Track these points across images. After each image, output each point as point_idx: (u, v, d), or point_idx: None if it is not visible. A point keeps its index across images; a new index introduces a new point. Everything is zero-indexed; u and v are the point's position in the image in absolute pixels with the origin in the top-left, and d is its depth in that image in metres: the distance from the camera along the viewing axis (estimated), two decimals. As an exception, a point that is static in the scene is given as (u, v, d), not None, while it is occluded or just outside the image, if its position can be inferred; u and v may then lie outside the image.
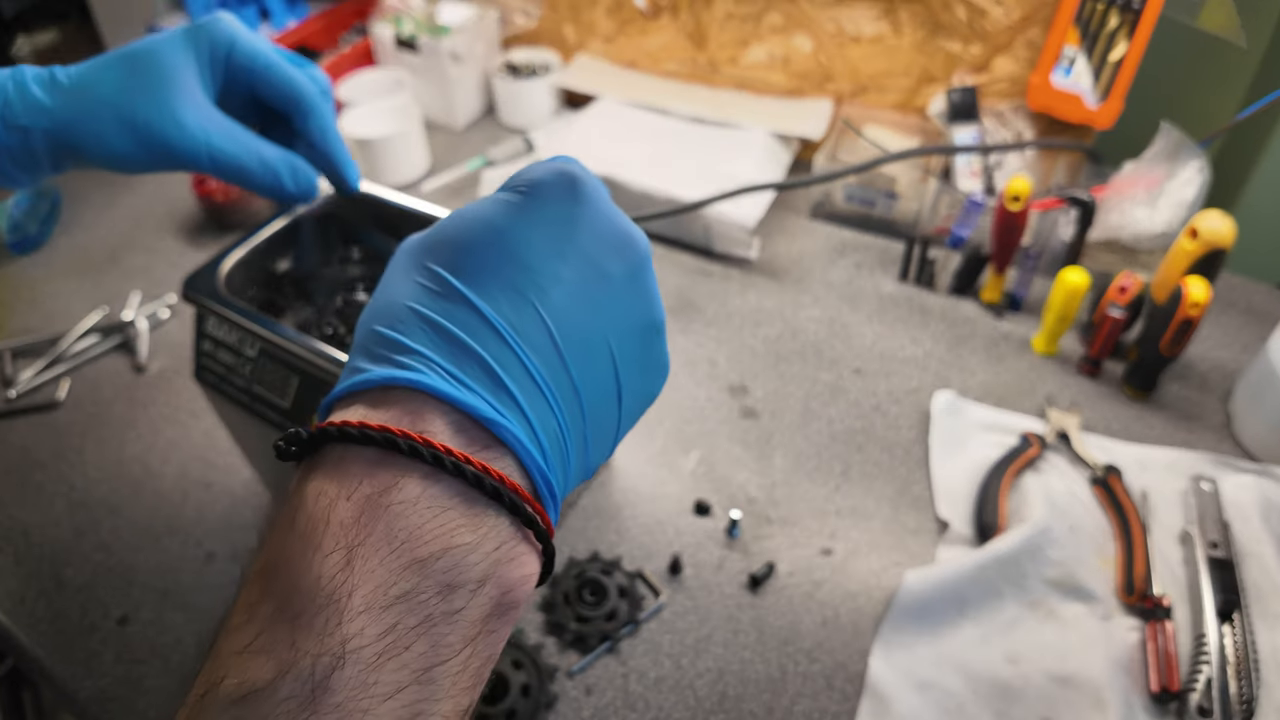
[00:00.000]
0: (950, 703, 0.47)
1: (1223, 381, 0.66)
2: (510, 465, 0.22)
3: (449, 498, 0.21)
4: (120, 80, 0.37)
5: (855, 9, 0.83)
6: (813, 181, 0.75)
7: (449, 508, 0.20)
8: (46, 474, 0.61)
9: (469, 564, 0.20)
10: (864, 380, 0.67)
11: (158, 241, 0.84)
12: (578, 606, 0.51)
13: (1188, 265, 0.60)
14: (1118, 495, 0.55)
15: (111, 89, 0.37)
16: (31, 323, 0.74)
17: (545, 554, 0.23)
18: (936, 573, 0.51)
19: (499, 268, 0.23)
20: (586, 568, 0.53)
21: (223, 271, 0.46)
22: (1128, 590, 0.51)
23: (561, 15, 0.99)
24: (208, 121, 0.38)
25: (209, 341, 0.47)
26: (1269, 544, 0.53)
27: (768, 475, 0.59)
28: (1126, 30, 0.71)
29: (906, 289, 0.76)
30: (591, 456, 0.25)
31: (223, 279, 0.46)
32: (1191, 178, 0.66)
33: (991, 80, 0.82)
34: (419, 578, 0.20)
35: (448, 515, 0.20)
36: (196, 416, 0.65)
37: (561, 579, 0.52)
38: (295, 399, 0.43)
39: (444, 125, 1.00)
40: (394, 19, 0.96)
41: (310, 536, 0.20)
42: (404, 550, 0.20)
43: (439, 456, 0.20)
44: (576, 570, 0.53)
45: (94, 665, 0.50)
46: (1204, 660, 0.47)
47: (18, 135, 0.37)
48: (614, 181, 0.79)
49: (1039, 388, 0.65)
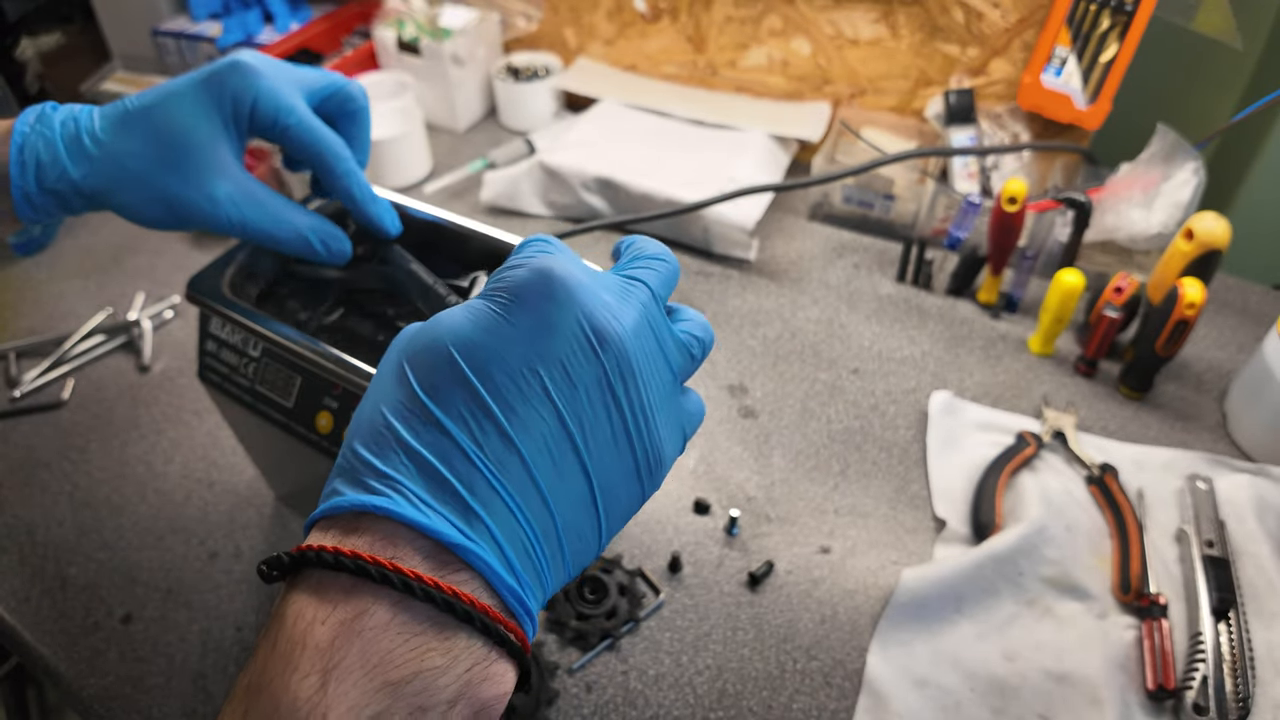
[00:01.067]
0: (947, 700, 0.47)
1: (1218, 382, 0.66)
2: (480, 587, 0.22)
3: (419, 622, 0.21)
4: (148, 154, 0.37)
5: (853, 12, 0.84)
6: (811, 183, 0.75)
7: (420, 632, 0.21)
8: (51, 473, 0.62)
9: (440, 686, 0.21)
10: (862, 380, 0.67)
11: (161, 242, 0.84)
12: (578, 604, 0.51)
13: (1183, 266, 0.60)
14: (1114, 494, 0.56)
15: (140, 163, 0.37)
16: (36, 323, 0.75)
17: (521, 666, 0.24)
18: (934, 571, 0.51)
19: (469, 386, 0.24)
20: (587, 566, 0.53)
21: (227, 272, 0.47)
22: (1124, 589, 0.51)
23: (562, 18, 0.99)
24: (238, 193, 0.38)
25: (213, 341, 0.47)
26: (1264, 543, 0.53)
27: (767, 474, 0.60)
28: (1118, 32, 0.72)
29: (904, 290, 0.76)
30: (572, 562, 0.25)
31: (227, 280, 0.46)
32: (1187, 179, 0.66)
33: (988, 83, 0.83)
34: (391, 699, 0.20)
35: (419, 639, 0.21)
36: (200, 416, 0.66)
37: None
38: (298, 398, 0.44)
39: (446, 127, 1.01)
40: (396, 22, 0.97)
41: (289, 658, 0.21)
42: (376, 673, 0.20)
43: (408, 583, 0.21)
44: None
45: (97, 664, 0.50)
46: (1200, 658, 0.47)
47: (51, 197, 0.38)
48: (614, 183, 0.80)
49: (1035, 388, 0.66)
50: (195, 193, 0.37)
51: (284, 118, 0.38)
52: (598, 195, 0.82)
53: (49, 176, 0.37)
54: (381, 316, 0.52)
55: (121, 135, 0.37)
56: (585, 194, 0.82)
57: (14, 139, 0.37)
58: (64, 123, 0.37)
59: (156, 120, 0.37)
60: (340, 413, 0.43)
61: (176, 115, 0.37)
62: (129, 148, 0.37)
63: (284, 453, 0.50)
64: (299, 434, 0.44)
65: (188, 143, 0.37)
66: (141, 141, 0.37)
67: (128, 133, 0.37)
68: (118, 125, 0.37)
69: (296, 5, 1.09)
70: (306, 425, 0.43)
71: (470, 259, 0.51)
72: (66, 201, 0.38)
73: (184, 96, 0.37)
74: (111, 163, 0.37)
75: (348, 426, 0.26)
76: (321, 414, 0.43)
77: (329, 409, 0.43)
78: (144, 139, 0.37)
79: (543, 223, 0.85)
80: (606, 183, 0.80)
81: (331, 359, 0.41)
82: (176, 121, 0.37)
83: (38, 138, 0.37)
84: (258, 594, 0.53)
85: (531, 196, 0.85)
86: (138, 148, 0.37)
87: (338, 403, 0.43)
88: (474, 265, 0.51)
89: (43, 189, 0.37)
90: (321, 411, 0.43)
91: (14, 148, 0.37)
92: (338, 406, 0.43)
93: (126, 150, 0.37)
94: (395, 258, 0.47)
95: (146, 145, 0.37)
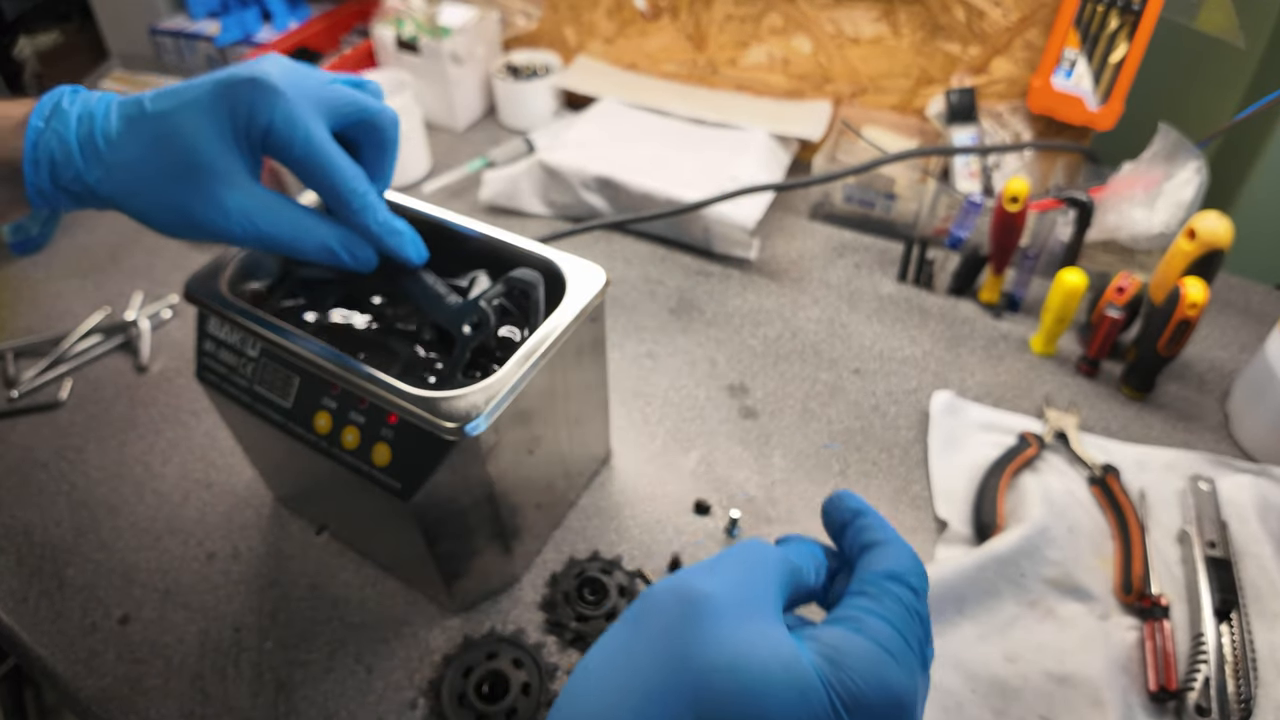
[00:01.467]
0: (949, 701, 0.47)
1: (1221, 382, 0.66)
2: None
3: None
4: (159, 164, 0.36)
5: (854, 10, 0.83)
6: (812, 183, 0.75)
7: None
8: (48, 474, 0.61)
9: None
10: (863, 380, 0.67)
11: (159, 242, 0.84)
12: (578, 605, 0.51)
13: (1185, 266, 0.60)
14: (1116, 495, 0.56)
15: (152, 172, 0.36)
16: (34, 323, 0.75)
17: None
18: (935, 572, 0.51)
19: None
20: (586, 567, 0.53)
21: (226, 272, 0.46)
22: (1126, 589, 0.51)
23: (562, 17, 0.99)
24: (252, 205, 0.37)
25: (211, 341, 0.47)
26: (1267, 544, 0.53)
27: (767, 474, 0.60)
28: (1127, 32, 0.71)
29: (905, 289, 0.76)
30: None
31: (226, 279, 0.46)
32: (1189, 178, 0.66)
33: (990, 81, 0.82)
34: None
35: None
36: (198, 416, 0.65)
37: (562, 578, 0.53)
38: (297, 399, 0.44)
39: (445, 126, 1.01)
40: (395, 20, 0.96)
41: None
42: None
43: None
44: (577, 569, 0.53)
45: (95, 664, 0.50)
46: (1202, 659, 0.47)
47: (66, 195, 0.37)
48: (614, 182, 0.79)
49: (1037, 388, 0.66)
50: (207, 205, 0.37)
51: (299, 147, 0.37)
52: (597, 194, 0.81)
53: (63, 176, 0.36)
54: (381, 317, 0.51)
55: (134, 140, 0.36)
56: (585, 193, 0.82)
57: (28, 134, 0.36)
58: (80, 118, 0.37)
59: (167, 129, 0.36)
60: (338, 413, 0.42)
61: (187, 126, 0.36)
62: (140, 154, 0.36)
63: (282, 454, 0.50)
64: (297, 435, 0.43)
65: (197, 157, 0.36)
66: (152, 149, 0.36)
67: (139, 138, 0.36)
68: (131, 129, 0.37)
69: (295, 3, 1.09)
70: (305, 426, 0.43)
71: (468, 258, 0.51)
72: (82, 200, 0.37)
73: (198, 107, 0.36)
74: (124, 169, 0.36)
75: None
76: (320, 414, 0.43)
77: (328, 409, 0.43)
78: (154, 147, 0.36)
79: (543, 222, 0.85)
80: (606, 182, 0.80)
81: (331, 359, 0.41)
82: (187, 133, 0.36)
83: (52, 135, 0.36)
84: (256, 595, 0.53)
85: (531, 196, 0.85)
86: (148, 155, 0.36)
87: (336, 403, 0.42)
88: (471, 265, 0.51)
89: (57, 186, 0.37)
90: (320, 412, 0.43)
91: (28, 144, 0.36)
92: (336, 407, 0.42)
93: (138, 157, 0.36)
94: None
95: (157, 153, 0.36)
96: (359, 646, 0.50)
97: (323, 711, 0.47)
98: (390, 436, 0.41)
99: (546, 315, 0.44)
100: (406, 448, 0.40)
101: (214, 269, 0.47)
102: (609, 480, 0.60)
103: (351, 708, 0.47)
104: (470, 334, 0.44)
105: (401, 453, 0.41)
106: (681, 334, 0.72)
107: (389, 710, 0.47)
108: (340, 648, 0.50)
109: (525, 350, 0.42)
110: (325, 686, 0.48)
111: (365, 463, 0.41)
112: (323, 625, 0.51)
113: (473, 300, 0.45)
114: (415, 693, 0.48)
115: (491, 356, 0.46)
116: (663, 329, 0.72)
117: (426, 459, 0.40)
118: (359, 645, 0.50)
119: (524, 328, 0.47)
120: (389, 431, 0.41)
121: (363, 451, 0.41)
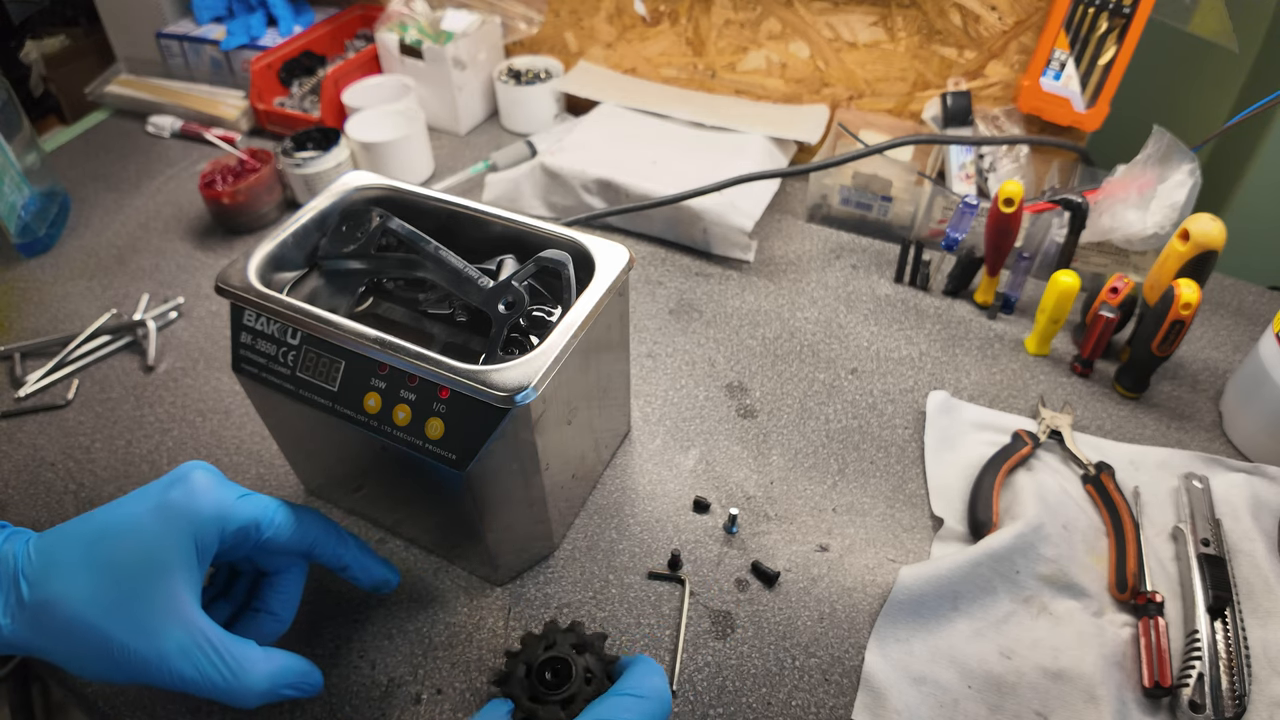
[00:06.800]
0: (945, 697, 0.47)
1: (1214, 381, 0.66)
2: None
3: None
4: (92, 594, 0.33)
5: (851, 15, 0.84)
6: (806, 170, 0.76)
7: None
8: (55, 473, 0.62)
9: None
10: (860, 380, 0.68)
11: (165, 243, 0.85)
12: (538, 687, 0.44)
13: (1179, 267, 0.61)
14: (1110, 493, 0.56)
15: (82, 605, 0.33)
16: (41, 324, 0.76)
17: None
18: (931, 569, 0.52)
19: None
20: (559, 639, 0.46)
21: (252, 264, 0.48)
22: (1120, 587, 0.51)
23: (563, 22, 1.00)
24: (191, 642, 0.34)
25: (248, 333, 0.48)
26: (1259, 541, 0.53)
27: (766, 473, 0.60)
28: (1116, 34, 0.72)
29: (902, 290, 0.77)
30: None
31: (255, 272, 0.47)
32: (1183, 181, 0.67)
33: (985, 85, 0.83)
34: None
35: None
36: (204, 416, 0.66)
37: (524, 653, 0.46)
38: (343, 382, 0.45)
39: (448, 130, 1.02)
40: (399, 26, 0.97)
41: None
42: None
43: None
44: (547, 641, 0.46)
45: (103, 659, 0.51)
46: (1195, 656, 0.47)
47: None
48: (615, 185, 0.80)
49: (1032, 388, 0.66)
50: (142, 644, 0.33)
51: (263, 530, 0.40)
52: (598, 197, 0.82)
53: None
54: (412, 303, 0.53)
55: (63, 571, 0.33)
56: (586, 196, 0.82)
57: None
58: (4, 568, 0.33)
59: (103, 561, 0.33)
60: (387, 393, 0.43)
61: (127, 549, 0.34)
62: (68, 588, 0.33)
63: (323, 440, 0.51)
64: (346, 416, 0.44)
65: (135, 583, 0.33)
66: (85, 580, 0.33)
67: (70, 568, 0.33)
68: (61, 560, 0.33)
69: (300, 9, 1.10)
70: (354, 408, 0.44)
71: (493, 243, 0.53)
72: None
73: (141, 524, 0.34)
74: (47, 611, 0.33)
75: None
76: (370, 395, 0.44)
77: (376, 390, 0.44)
78: (88, 577, 0.33)
79: (543, 224, 0.86)
80: (607, 184, 0.81)
81: (377, 341, 0.42)
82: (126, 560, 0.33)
83: None
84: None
85: (532, 198, 0.86)
86: (80, 587, 0.33)
87: (385, 383, 0.44)
88: (497, 249, 0.52)
89: None
90: (370, 393, 0.44)
91: None
92: (385, 387, 0.44)
93: (65, 593, 0.33)
94: (421, 246, 0.49)
95: (90, 585, 0.33)
96: (363, 643, 0.51)
97: (326, 705, 0.48)
98: (442, 411, 0.42)
99: (578, 293, 0.46)
100: (459, 420, 0.42)
101: (241, 263, 0.48)
102: (609, 480, 0.60)
103: (355, 703, 0.48)
104: (506, 313, 0.47)
105: (454, 425, 0.42)
106: (681, 334, 0.72)
107: (392, 707, 0.48)
108: (344, 644, 0.51)
109: (567, 323, 0.44)
110: (329, 682, 0.49)
111: (419, 437, 0.43)
112: (327, 622, 0.52)
113: (505, 280, 0.48)
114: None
115: (525, 334, 0.48)
116: (662, 329, 0.73)
117: (479, 429, 0.41)
118: (363, 642, 0.51)
119: (555, 305, 0.49)
120: (441, 405, 0.42)
121: (415, 427, 0.43)
